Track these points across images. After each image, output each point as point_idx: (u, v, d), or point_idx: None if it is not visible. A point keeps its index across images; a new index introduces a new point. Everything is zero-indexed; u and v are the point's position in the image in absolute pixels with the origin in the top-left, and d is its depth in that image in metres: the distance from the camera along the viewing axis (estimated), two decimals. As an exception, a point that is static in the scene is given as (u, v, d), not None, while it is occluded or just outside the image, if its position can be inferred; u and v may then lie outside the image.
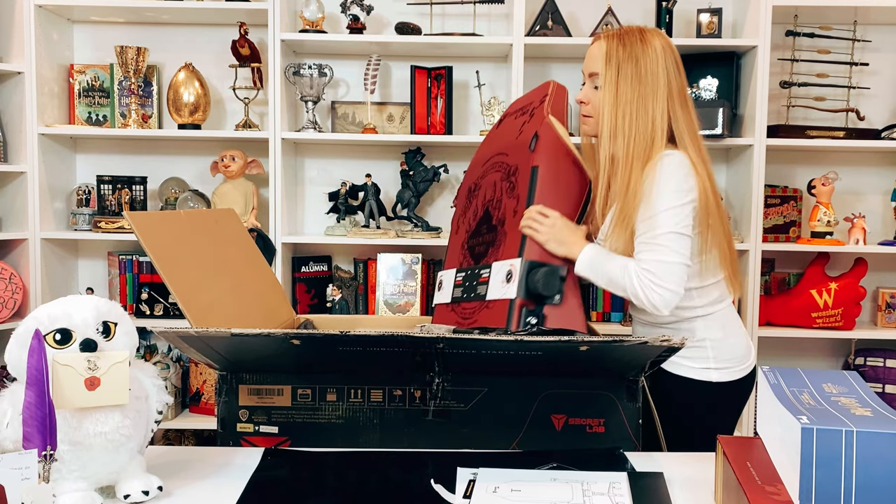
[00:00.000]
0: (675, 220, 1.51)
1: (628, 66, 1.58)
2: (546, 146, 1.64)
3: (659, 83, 1.57)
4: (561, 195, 1.64)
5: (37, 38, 2.76)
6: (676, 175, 1.53)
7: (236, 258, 1.75)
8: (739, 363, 1.65)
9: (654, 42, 1.59)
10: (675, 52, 1.62)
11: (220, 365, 1.40)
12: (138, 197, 2.90)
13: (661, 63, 1.58)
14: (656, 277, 1.50)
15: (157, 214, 1.55)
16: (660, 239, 1.51)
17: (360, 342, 1.28)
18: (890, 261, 3.01)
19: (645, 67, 1.57)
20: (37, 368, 1.02)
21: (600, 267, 1.56)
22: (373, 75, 2.84)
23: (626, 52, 1.59)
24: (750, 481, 0.99)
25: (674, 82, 1.59)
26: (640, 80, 1.57)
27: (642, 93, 1.57)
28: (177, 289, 1.42)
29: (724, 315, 1.66)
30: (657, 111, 1.57)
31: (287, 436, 1.41)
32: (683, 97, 1.61)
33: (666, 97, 1.58)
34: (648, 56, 1.58)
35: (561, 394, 1.39)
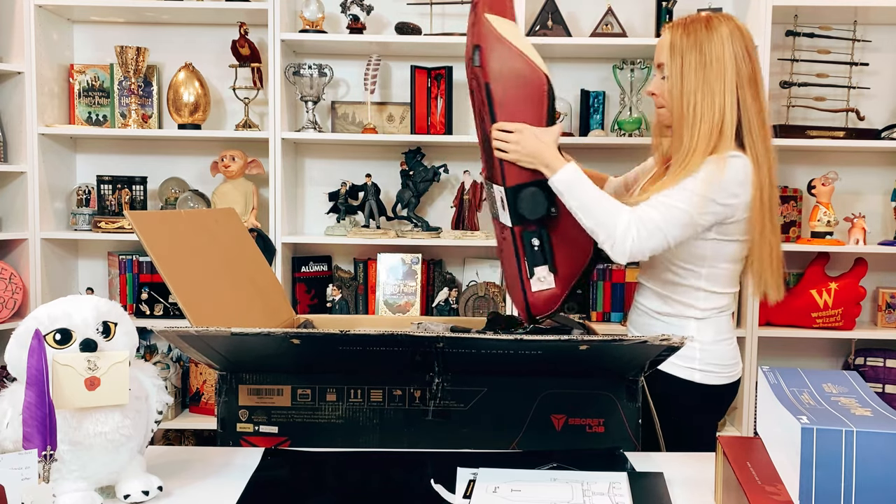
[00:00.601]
0: (698, 206, 1.50)
1: (692, 53, 1.55)
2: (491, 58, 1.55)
3: (726, 69, 1.54)
4: (521, 103, 1.57)
5: (37, 38, 2.76)
6: (731, 177, 1.52)
7: (236, 258, 1.75)
8: (724, 370, 1.66)
9: (720, 28, 1.56)
10: (745, 37, 1.57)
11: (220, 365, 1.40)
12: (138, 197, 2.90)
13: (727, 48, 1.54)
14: (646, 232, 1.50)
15: (157, 214, 1.55)
16: (672, 209, 1.50)
17: (360, 341, 1.29)
18: (890, 261, 3.01)
19: (710, 54, 1.54)
20: (37, 368, 1.02)
21: (581, 190, 1.52)
22: (373, 75, 2.84)
23: (691, 39, 1.56)
24: (750, 481, 0.99)
25: (744, 68, 1.55)
26: (704, 66, 1.54)
27: (707, 79, 1.54)
28: (177, 288, 1.42)
29: (719, 321, 1.67)
30: (726, 98, 1.54)
31: (287, 436, 1.41)
32: (755, 85, 1.57)
33: (735, 83, 1.54)
34: (714, 42, 1.55)
35: (561, 394, 1.39)
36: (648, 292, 1.73)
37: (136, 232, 1.41)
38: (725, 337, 1.68)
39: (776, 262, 1.63)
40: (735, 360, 1.70)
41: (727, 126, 1.54)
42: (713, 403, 1.69)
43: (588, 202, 1.53)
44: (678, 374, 1.63)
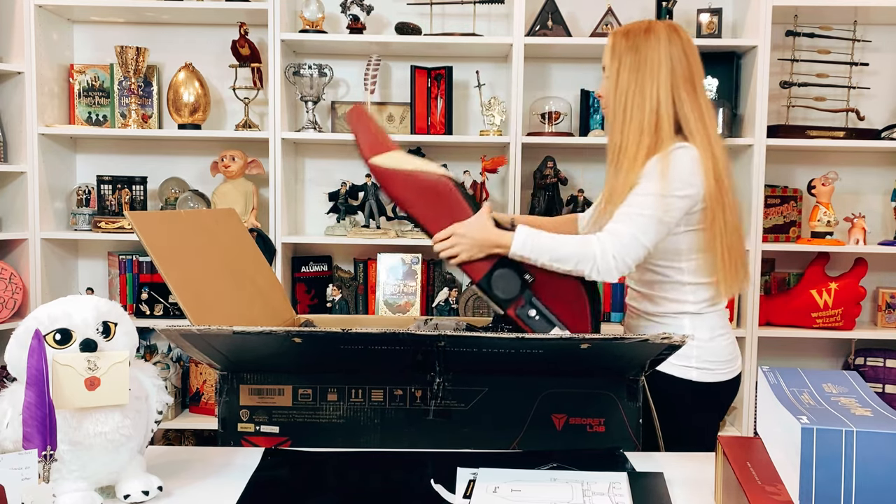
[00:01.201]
0: (663, 207, 1.52)
1: (629, 55, 1.61)
2: (396, 190, 1.64)
3: (660, 69, 1.58)
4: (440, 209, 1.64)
5: (37, 38, 2.76)
6: (683, 168, 1.54)
7: (237, 258, 1.75)
8: (722, 366, 1.66)
9: (658, 31, 1.61)
10: (684, 40, 1.62)
11: (221, 364, 1.40)
12: (138, 197, 2.90)
13: (663, 50, 1.59)
14: (622, 247, 1.52)
15: (157, 214, 1.55)
16: (639, 217, 1.53)
17: (362, 340, 1.28)
18: (890, 261, 3.01)
19: (645, 55, 1.59)
20: (37, 368, 1.02)
21: (542, 246, 1.54)
22: (373, 75, 2.84)
23: (629, 42, 1.62)
24: (750, 481, 0.99)
25: (679, 68, 1.59)
26: (638, 67, 1.59)
27: (640, 80, 1.59)
28: (177, 288, 1.42)
29: (714, 318, 1.67)
30: (660, 97, 1.58)
31: (288, 436, 1.41)
32: (692, 84, 1.61)
33: (669, 83, 1.58)
34: (650, 44, 1.60)
35: (561, 393, 1.39)
36: (637, 295, 1.74)
37: (137, 232, 1.41)
38: (721, 333, 1.67)
39: (727, 253, 1.60)
40: (733, 356, 1.69)
41: (662, 122, 1.58)
42: (712, 401, 1.69)
43: (555, 251, 1.54)
44: (675, 374, 1.63)
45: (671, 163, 1.54)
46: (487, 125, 2.82)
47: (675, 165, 1.54)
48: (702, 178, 1.55)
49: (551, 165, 2.85)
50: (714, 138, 1.60)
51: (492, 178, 2.93)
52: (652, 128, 1.58)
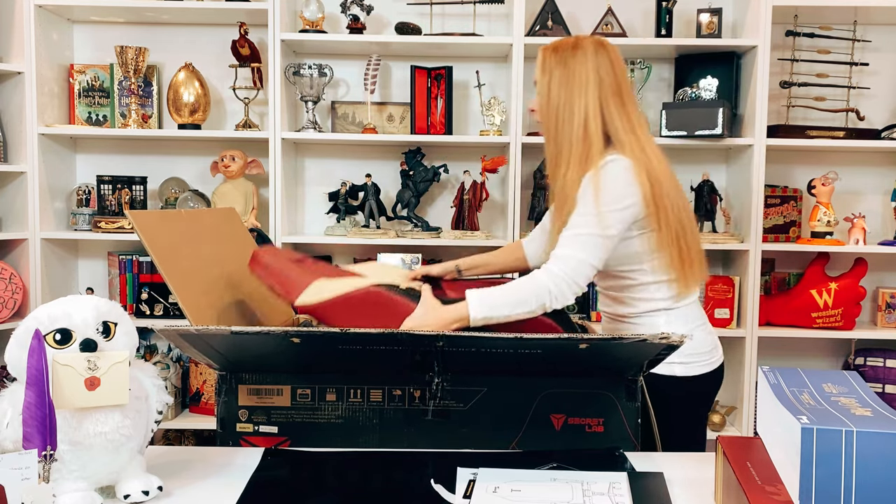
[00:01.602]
0: (602, 222, 1.55)
1: (558, 70, 1.66)
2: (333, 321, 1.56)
3: (588, 83, 1.62)
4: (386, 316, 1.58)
5: (37, 38, 2.76)
6: (616, 181, 1.57)
7: (237, 257, 1.75)
8: (704, 358, 1.68)
9: (586, 46, 1.66)
10: (611, 53, 1.66)
11: (220, 364, 1.40)
12: (138, 197, 2.90)
13: (590, 63, 1.63)
14: (569, 270, 1.54)
15: (157, 213, 1.55)
16: (582, 237, 1.55)
17: (360, 340, 1.29)
18: (890, 261, 3.01)
19: (574, 70, 1.64)
20: (37, 368, 1.02)
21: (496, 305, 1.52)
22: (373, 75, 2.84)
23: (558, 57, 1.67)
24: (750, 481, 0.99)
25: (606, 80, 1.63)
26: (568, 82, 1.64)
27: (568, 94, 1.63)
28: (177, 287, 1.42)
29: (687, 311, 1.69)
30: (589, 110, 1.62)
31: (287, 436, 1.41)
32: (619, 95, 1.64)
33: (597, 96, 1.62)
34: (577, 59, 1.64)
35: (560, 393, 1.39)
36: (608, 300, 1.76)
37: (137, 231, 1.42)
38: (698, 325, 1.69)
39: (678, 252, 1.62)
40: (713, 345, 1.71)
41: (591, 134, 1.61)
42: (698, 394, 1.71)
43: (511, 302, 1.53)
44: (660, 371, 1.63)
45: (603, 178, 1.57)
46: (487, 125, 2.82)
47: (608, 179, 1.57)
48: (638, 187, 1.57)
49: (551, 165, 2.85)
50: (647, 145, 1.63)
51: (492, 178, 2.93)
52: (580, 140, 1.61)
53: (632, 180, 1.57)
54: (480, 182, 2.85)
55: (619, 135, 1.62)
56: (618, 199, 1.56)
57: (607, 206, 1.55)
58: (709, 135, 2.69)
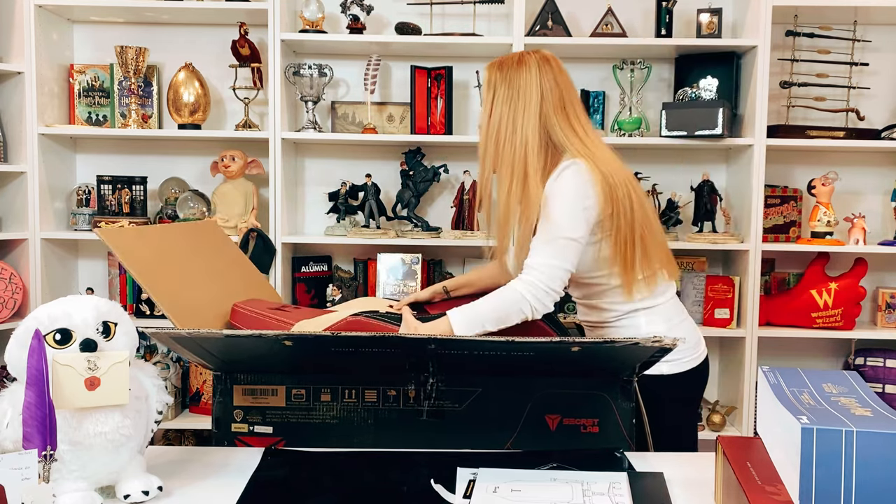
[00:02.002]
0: (567, 226, 1.56)
1: (502, 88, 1.67)
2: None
3: (531, 98, 1.64)
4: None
5: (37, 38, 2.76)
6: (573, 184, 1.58)
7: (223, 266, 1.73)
8: (689, 353, 1.68)
9: (529, 62, 1.67)
10: (555, 68, 1.68)
11: (214, 365, 1.40)
12: (138, 197, 2.90)
13: (534, 80, 1.65)
14: (543, 276, 1.55)
15: (130, 230, 1.54)
16: (550, 243, 1.57)
17: (352, 343, 1.28)
18: (890, 261, 3.01)
19: (517, 86, 1.65)
20: (37, 368, 1.02)
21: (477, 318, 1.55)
22: (373, 75, 2.84)
23: (502, 74, 1.68)
24: (750, 481, 0.99)
25: (549, 95, 1.65)
26: (511, 99, 1.65)
27: (513, 110, 1.65)
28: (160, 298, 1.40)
29: (666, 308, 1.69)
30: (528, 125, 1.63)
31: (281, 436, 1.41)
32: (562, 110, 1.65)
33: (539, 110, 1.64)
34: (521, 75, 1.66)
35: (555, 394, 1.39)
36: (586, 309, 1.76)
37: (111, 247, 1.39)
38: (678, 321, 1.70)
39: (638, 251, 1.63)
40: (695, 339, 1.72)
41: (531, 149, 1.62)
42: (686, 391, 1.72)
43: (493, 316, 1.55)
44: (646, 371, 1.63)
45: (561, 183, 1.59)
46: (487, 125, 2.82)
47: (565, 184, 1.58)
48: (593, 187, 1.58)
49: (551, 165, 2.85)
50: (596, 148, 1.64)
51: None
52: (523, 154, 1.62)
53: (587, 182, 1.59)
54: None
55: (566, 144, 1.64)
56: (578, 202, 1.58)
57: (569, 209, 1.57)
58: (709, 135, 2.69)
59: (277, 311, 1.63)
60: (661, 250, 1.67)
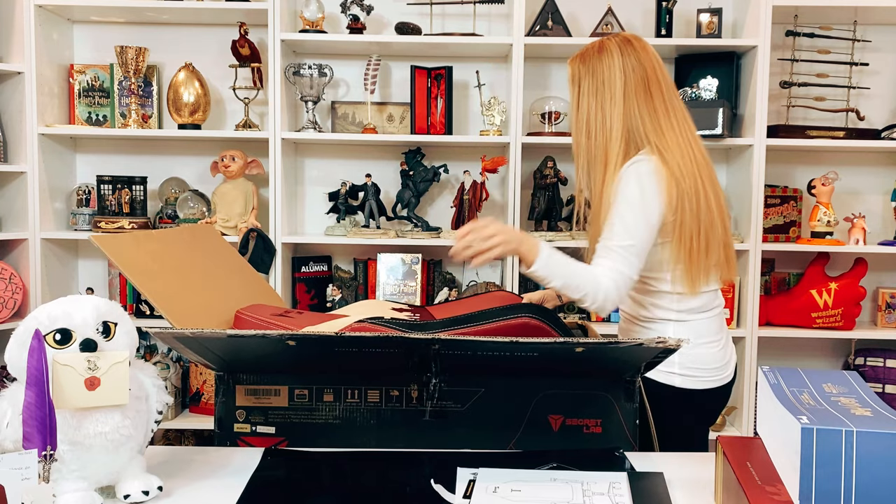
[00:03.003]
0: (629, 231, 1.54)
1: (587, 80, 1.65)
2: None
3: (615, 86, 1.61)
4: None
5: (37, 38, 2.76)
6: (641, 185, 1.55)
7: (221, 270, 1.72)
8: (708, 374, 1.65)
9: (611, 48, 1.64)
10: (638, 49, 1.63)
11: (217, 365, 1.40)
12: (138, 197, 2.90)
13: (616, 66, 1.62)
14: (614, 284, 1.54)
15: (126, 236, 1.51)
16: (614, 249, 1.55)
17: (356, 343, 1.28)
18: (890, 261, 3.01)
19: (601, 76, 1.63)
20: (37, 368, 1.02)
21: (557, 270, 1.54)
22: (373, 75, 2.84)
23: (585, 66, 1.66)
24: (750, 481, 0.99)
25: (631, 77, 1.61)
26: (597, 90, 1.63)
27: (600, 101, 1.63)
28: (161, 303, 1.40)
29: (701, 325, 1.65)
30: (615, 115, 1.61)
31: (284, 436, 1.41)
32: (647, 89, 1.61)
33: (623, 98, 1.61)
34: (604, 63, 1.63)
35: (558, 394, 1.39)
36: (629, 300, 1.75)
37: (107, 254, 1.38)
38: (707, 340, 1.66)
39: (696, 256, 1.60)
40: (720, 363, 1.67)
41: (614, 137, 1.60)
42: (697, 408, 1.68)
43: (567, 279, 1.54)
44: (657, 378, 1.63)
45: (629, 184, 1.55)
46: (487, 125, 2.82)
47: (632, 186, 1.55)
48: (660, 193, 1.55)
49: (551, 165, 2.85)
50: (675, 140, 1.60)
51: (492, 178, 2.93)
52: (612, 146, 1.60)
53: (654, 184, 1.55)
54: (480, 182, 2.85)
55: (648, 135, 1.60)
56: (640, 207, 1.55)
57: (632, 214, 1.54)
58: (709, 135, 2.68)
59: (281, 317, 1.64)
60: (721, 251, 1.63)
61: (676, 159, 1.58)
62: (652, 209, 1.55)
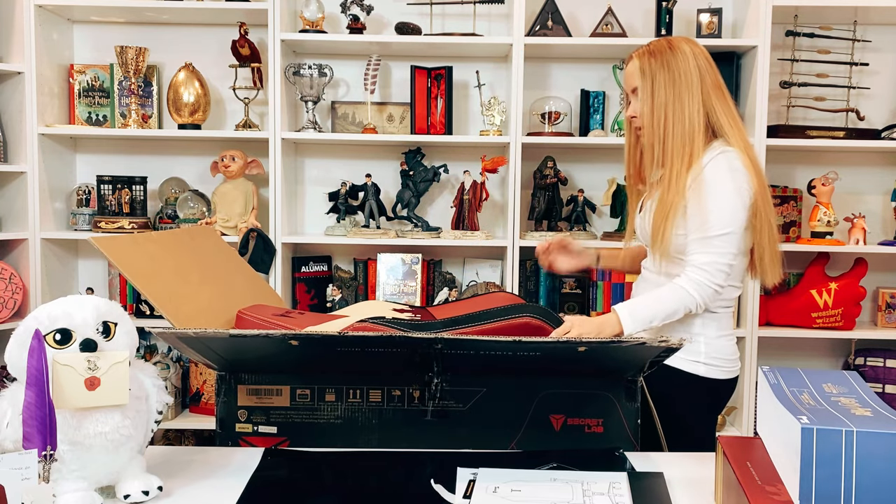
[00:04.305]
0: (727, 220, 1.59)
1: (661, 73, 1.68)
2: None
3: (692, 80, 1.66)
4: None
5: (37, 38, 2.76)
6: (730, 174, 1.61)
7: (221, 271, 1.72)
8: (727, 364, 1.72)
9: (681, 45, 1.70)
10: (704, 51, 1.71)
11: (219, 365, 1.40)
12: (138, 197, 2.90)
13: (691, 62, 1.67)
14: (709, 276, 1.60)
15: (125, 238, 1.51)
16: (713, 239, 1.60)
17: (358, 343, 1.28)
18: (890, 261, 3.01)
19: (677, 69, 1.67)
20: (37, 368, 1.02)
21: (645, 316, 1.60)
22: (373, 75, 2.84)
23: (658, 61, 1.69)
24: (750, 481, 0.99)
25: (707, 77, 1.68)
26: (674, 82, 1.67)
27: (678, 93, 1.66)
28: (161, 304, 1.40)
29: (724, 318, 1.72)
30: (693, 107, 1.66)
31: (286, 436, 1.41)
32: (719, 90, 1.69)
33: (701, 92, 1.66)
34: (678, 58, 1.68)
35: (559, 394, 1.39)
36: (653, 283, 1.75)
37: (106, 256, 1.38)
38: (727, 333, 1.73)
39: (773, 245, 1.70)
40: (735, 356, 1.75)
41: (696, 130, 1.65)
42: (714, 398, 1.74)
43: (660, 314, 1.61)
44: (683, 368, 1.67)
45: (718, 172, 1.61)
46: (487, 125, 2.82)
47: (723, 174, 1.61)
48: (749, 179, 1.62)
49: (551, 165, 2.85)
50: (743, 135, 1.68)
51: (492, 178, 2.93)
52: (691, 136, 1.64)
53: (743, 171, 1.62)
54: (480, 182, 2.85)
55: (723, 128, 1.67)
56: (735, 192, 1.60)
57: (727, 201, 1.60)
58: (709, 135, 2.68)
59: (282, 317, 1.64)
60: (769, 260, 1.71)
61: (751, 154, 1.66)
62: (745, 198, 1.62)
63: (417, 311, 1.74)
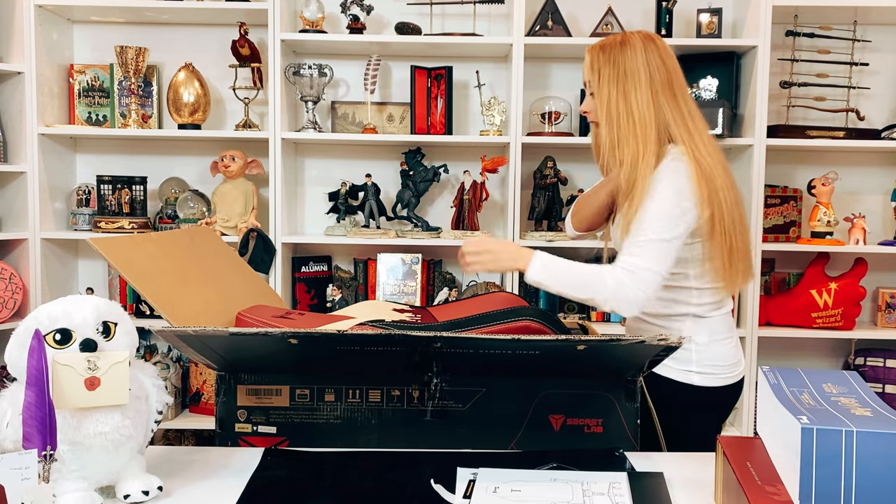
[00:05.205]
0: (663, 228, 1.53)
1: (607, 68, 1.64)
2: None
3: (639, 77, 1.61)
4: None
5: (37, 38, 2.76)
6: (674, 183, 1.55)
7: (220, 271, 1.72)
8: (723, 371, 1.66)
9: (633, 41, 1.64)
10: (660, 48, 1.64)
11: (219, 365, 1.40)
12: (138, 197, 2.90)
13: (640, 58, 1.62)
14: (633, 279, 1.52)
15: (123, 239, 1.51)
16: (644, 245, 1.53)
17: (358, 341, 1.28)
18: (890, 261, 3.01)
19: (623, 65, 1.62)
20: (37, 368, 1.02)
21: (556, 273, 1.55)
22: (373, 75, 2.84)
23: (606, 55, 1.65)
24: (750, 481, 0.99)
25: (658, 75, 1.61)
26: (618, 78, 1.62)
27: (622, 90, 1.62)
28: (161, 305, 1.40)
29: (716, 322, 1.67)
30: (642, 104, 1.60)
31: (285, 436, 1.41)
32: (670, 90, 1.62)
33: (649, 90, 1.61)
34: (626, 54, 1.63)
35: (559, 394, 1.39)
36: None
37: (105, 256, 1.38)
38: (722, 337, 1.67)
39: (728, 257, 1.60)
40: (734, 360, 1.69)
41: (647, 128, 1.60)
42: (713, 406, 1.69)
43: (567, 280, 1.56)
44: (676, 378, 1.63)
45: (663, 180, 1.55)
46: (487, 125, 2.82)
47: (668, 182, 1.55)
48: (695, 190, 1.55)
49: (551, 165, 2.85)
50: (701, 140, 1.61)
51: (492, 178, 2.93)
52: (641, 135, 1.59)
53: (688, 181, 1.55)
54: (480, 182, 2.85)
55: (672, 129, 1.61)
56: (676, 202, 1.54)
57: (666, 210, 1.54)
58: (709, 135, 2.68)
59: (282, 318, 1.64)
60: (741, 262, 1.64)
61: (706, 159, 1.59)
62: (688, 207, 1.55)
63: (417, 311, 1.74)
